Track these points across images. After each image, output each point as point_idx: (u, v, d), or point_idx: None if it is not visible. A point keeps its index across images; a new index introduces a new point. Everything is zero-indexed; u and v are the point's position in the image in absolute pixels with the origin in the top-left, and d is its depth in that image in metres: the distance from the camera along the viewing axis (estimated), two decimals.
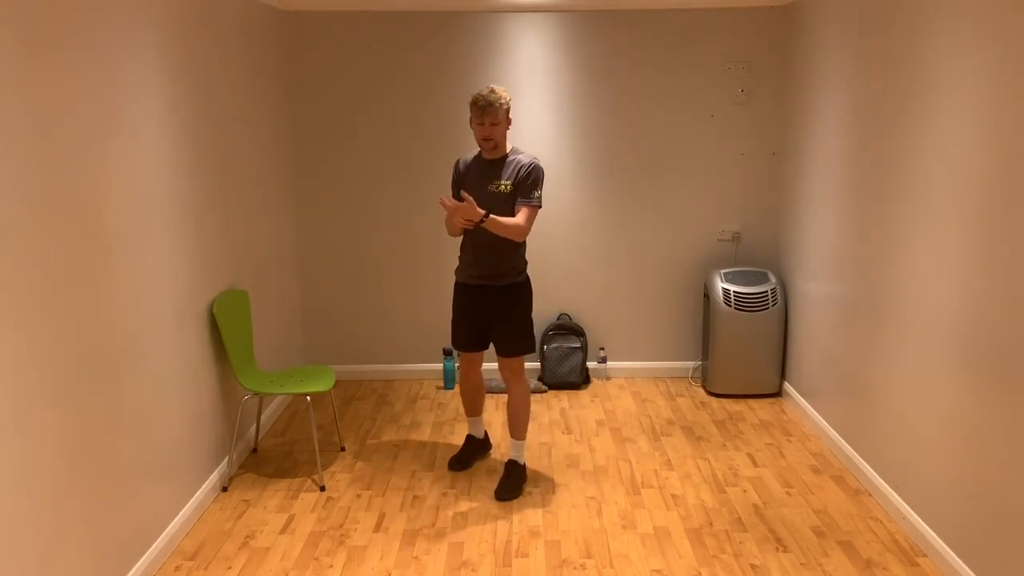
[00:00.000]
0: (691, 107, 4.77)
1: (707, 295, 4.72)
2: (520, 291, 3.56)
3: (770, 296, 4.56)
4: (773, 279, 4.63)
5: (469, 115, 3.42)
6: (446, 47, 4.71)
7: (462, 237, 3.58)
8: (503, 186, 3.42)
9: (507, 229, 3.34)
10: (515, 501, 3.48)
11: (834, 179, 3.95)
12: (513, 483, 3.57)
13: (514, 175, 3.42)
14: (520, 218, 3.37)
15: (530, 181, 3.40)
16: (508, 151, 3.49)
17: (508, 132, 3.47)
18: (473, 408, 3.86)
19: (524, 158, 3.46)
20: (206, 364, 3.48)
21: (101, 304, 2.63)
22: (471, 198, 3.25)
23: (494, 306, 3.54)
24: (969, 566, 2.76)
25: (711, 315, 4.65)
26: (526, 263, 3.59)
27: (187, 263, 3.30)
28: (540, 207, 3.43)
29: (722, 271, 4.69)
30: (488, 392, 4.81)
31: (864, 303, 3.61)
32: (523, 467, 3.66)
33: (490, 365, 5.01)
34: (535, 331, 4.46)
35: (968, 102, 2.75)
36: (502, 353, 3.58)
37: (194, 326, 3.36)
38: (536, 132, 4.79)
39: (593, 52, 4.72)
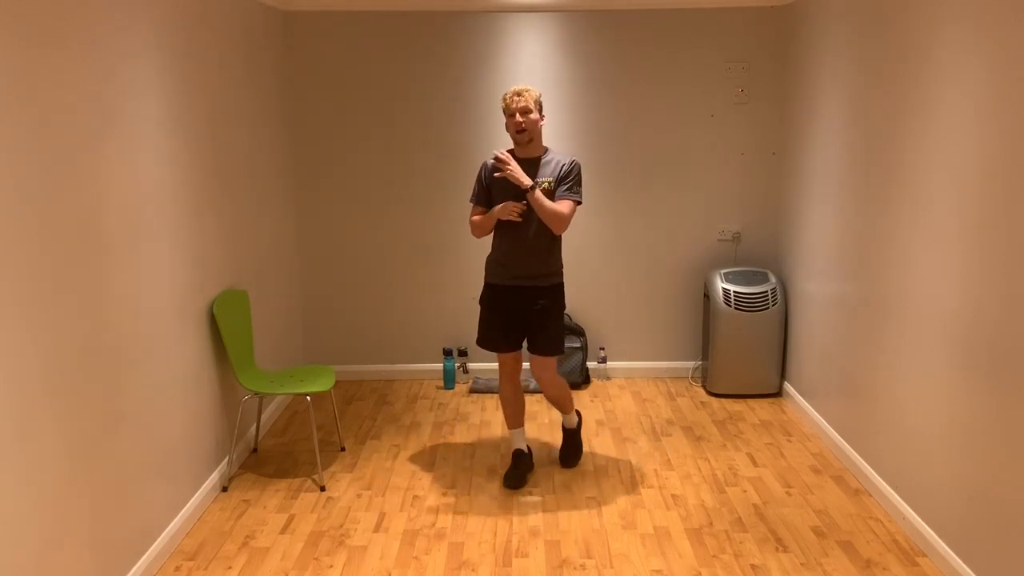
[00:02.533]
0: (691, 107, 4.77)
1: (707, 295, 4.72)
2: (559, 292, 3.59)
3: (770, 296, 4.56)
4: (773, 279, 4.63)
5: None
6: (446, 47, 4.71)
7: (495, 240, 3.57)
8: (545, 183, 3.42)
9: (548, 212, 3.36)
10: (515, 501, 3.48)
11: (834, 179, 3.95)
12: (572, 448, 3.82)
13: (555, 173, 3.44)
14: (562, 207, 3.38)
15: (571, 177, 3.44)
16: (544, 151, 3.51)
17: (542, 130, 3.49)
18: (517, 418, 3.72)
19: (563, 157, 3.49)
20: (206, 364, 3.48)
21: (101, 304, 2.63)
22: (511, 204, 3.38)
23: (533, 306, 3.53)
24: (969, 566, 2.76)
25: (711, 315, 4.65)
26: (562, 264, 3.61)
27: (187, 263, 3.30)
28: (580, 203, 3.47)
29: (722, 271, 4.69)
30: (477, 391, 4.82)
31: (864, 303, 3.61)
32: (574, 431, 3.83)
33: (484, 365, 5.02)
34: None
35: (968, 101, 2.75)
36: (539, 352, 3.58)
37: (194, 326, 3.36)
38: None
39: (593, 52, 4.72)
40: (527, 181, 3.35)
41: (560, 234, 3.49)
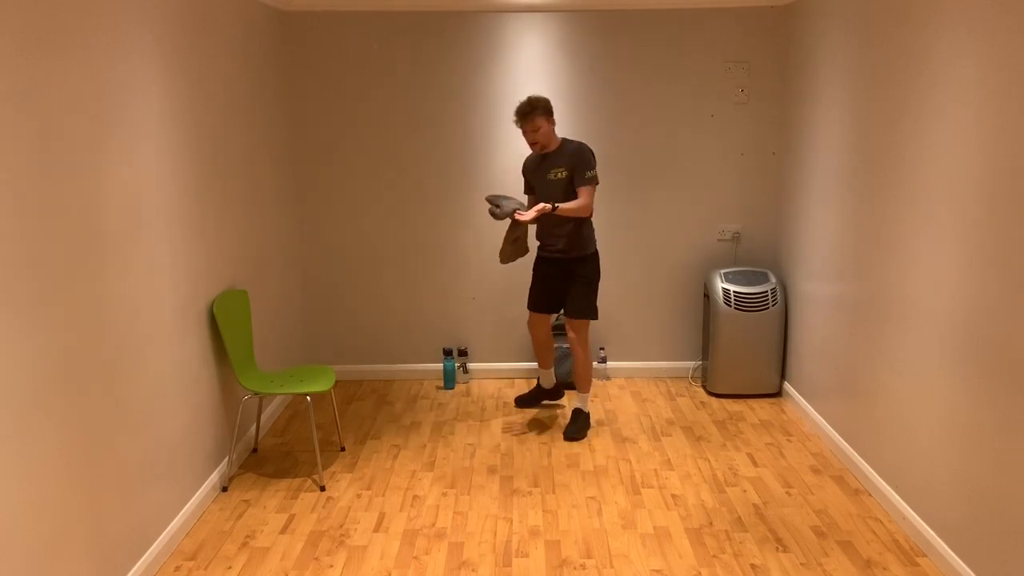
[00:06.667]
0: (691, 107, 4.77)
1: (707, 295, 4.72)
2: (585, 263, 4.11)
3: (770, 296, 4.56)
4: (773, 279, 4.63)
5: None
6: (446, 47, 4.71)
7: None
8: (560, 173, 4.00)
9: (573, 211, 3.94)
10: (515, 501, 3.48)
11: (834, 179, 3.95)
12: (578, 426, 4.18)
13: (567, 162, 3.98)
14: (581, 199, 3.95)
15: (581, 164, 3.96)
16: (560, 143, 4.04)
17: (554, 128, 4.01)
18: (541, 361, 4.45)
19: (573, 145, 4.03)
20: (206, 364, 3.48)
21: (101, 304, 2.63)
22: (528, 211, 3.98)
23: (563, 275, 4.13)
24: (969, 566, 2.76)
25: (711, 315, 4.65)
26: (592, 240, 4.13)
27: (187, 263, 3.30)
28: (597, 183, 4.02)
29: (722, 271, 4.69)
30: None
31: (864, 303, 3.61)
32: (587, 415, 4.26)
33: (484, 365, 5.02)
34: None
35: (968, 102, 2.75)
36: (567, 315, 4.17)
37: (194, 326, 3.36)
38: None
39: (593, 52, 4.72)
40: (548, 207, 3.90)
41: (588, 216, 4.02)
